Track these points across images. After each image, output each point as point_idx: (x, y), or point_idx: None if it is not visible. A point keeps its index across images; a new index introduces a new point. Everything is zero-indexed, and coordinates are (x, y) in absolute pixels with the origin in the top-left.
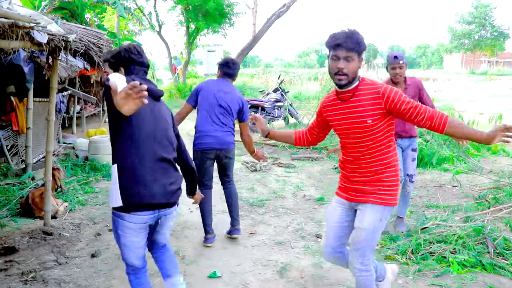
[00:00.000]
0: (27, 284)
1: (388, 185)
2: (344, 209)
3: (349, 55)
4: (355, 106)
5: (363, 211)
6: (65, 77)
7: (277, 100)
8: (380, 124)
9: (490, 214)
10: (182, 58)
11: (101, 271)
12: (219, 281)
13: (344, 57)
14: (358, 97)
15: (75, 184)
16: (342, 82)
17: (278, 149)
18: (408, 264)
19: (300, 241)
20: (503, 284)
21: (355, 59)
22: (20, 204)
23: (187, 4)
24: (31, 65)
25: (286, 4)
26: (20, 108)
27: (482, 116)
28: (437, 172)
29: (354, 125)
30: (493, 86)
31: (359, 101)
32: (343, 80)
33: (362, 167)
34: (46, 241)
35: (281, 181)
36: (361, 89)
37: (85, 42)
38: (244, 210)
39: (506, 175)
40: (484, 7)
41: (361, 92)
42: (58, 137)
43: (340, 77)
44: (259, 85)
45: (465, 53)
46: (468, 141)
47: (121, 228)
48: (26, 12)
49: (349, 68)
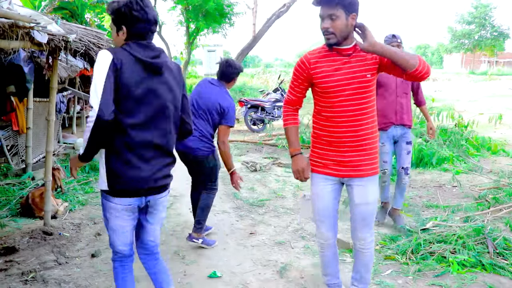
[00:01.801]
0: (27, 284)
1: (376, 151)
2: (334, 186)
3: (332, 12)
4: (355, 61)
5: (364, 186)
6: (65, 77)
7: (277, 100)
8: (374, 80)
9: (490, 214)
10: (182, 58)
11: (101, 271)
12: (219, 281)
13: (328, 15)
14: (359, 56)
15: (75, 184)
16: (330, 41)
17: (278, 149)
18: (408, 264)
19: (300, 241)
20: (503, 284)
21: (340, 17)
22: (20, 204)
23: (187, 4)
24: (31, 65)
25: (286, 4)
26: (20, 108)
27: (482, 116)
28: (437, 172)
29: (354, 79)
30: (493, 86)
31: (358, 56)
32: (332, 38)
33: (354, 129)
34: (46, 241)
35: (281, 181)
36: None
37: (85, 42)
38: (244, 210)
39: (506, 175)
40: (484, 7)
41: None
42: (58, 137)
43: (328, 35)
44: (259, 85)
45: (465, 53)
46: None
47: (108, 210)
48: (26, 12)
49: (334, 26)
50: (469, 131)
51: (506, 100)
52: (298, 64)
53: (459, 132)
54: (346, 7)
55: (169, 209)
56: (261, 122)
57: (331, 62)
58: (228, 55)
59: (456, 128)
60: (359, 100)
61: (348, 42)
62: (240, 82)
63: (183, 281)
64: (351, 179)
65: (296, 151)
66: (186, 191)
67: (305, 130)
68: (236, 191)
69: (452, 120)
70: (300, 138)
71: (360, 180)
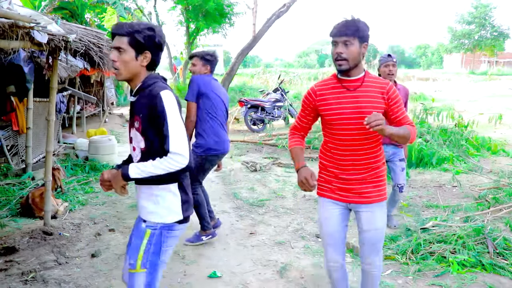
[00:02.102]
0: (27, 284)
1: (384, 179)
2: (341, 211)
3: (347, 39)
4: (364, 96)
5: (372, 212)
6: (65, 77)
7: (277, 100)
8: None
9: (490, 214)
10: (182, 58)
11: (101, 271)
12: (219, 281)
13: (343, 42)
14: (365, 87)
15: (75, 184)
16: (342, 67)
17: (278, 149)
18: (408, 264)
19: (300, 241)
20: (503, 284)
21: (354, 44)
22: (20, 204)
23: (187, 4)
24: (31, 65)
25: (286, 4)
26: (20, 108)
27: (482, 116)
28: (437, 172)
29: (360, 114)
30: (493, 86)
31: (368, 92)
32: (343, 65)
33: (358, 162)
34: (46, 241)
35: (281, 181)
36: (368, 80)
37: (85, 42)
38: (244, 210)
39: (506, 175)
40: (484, 7)
41: (368, 83)
42: (58, 137)
43: (340, 62)
44: (259, 85)
45: (465, 53)
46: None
47: (168, 243)
48: (26, 12)
49: (348, 52)
50: (469, 131)
51: (506, 100)
52: (305, 95)
53: (459, 132)
54: (361, 37)
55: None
56: (261, 122)
57: (338, 94)
58: (228, 55)
59: (456, 128)
60: (364, 135)
61: (357, 72)
62: (240, 82)
63: (183, 281)
64: (358, 205)
65: (301, 165)
66: None
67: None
68: (236, 191)
69: (452, 120)
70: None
71: (367, 207)
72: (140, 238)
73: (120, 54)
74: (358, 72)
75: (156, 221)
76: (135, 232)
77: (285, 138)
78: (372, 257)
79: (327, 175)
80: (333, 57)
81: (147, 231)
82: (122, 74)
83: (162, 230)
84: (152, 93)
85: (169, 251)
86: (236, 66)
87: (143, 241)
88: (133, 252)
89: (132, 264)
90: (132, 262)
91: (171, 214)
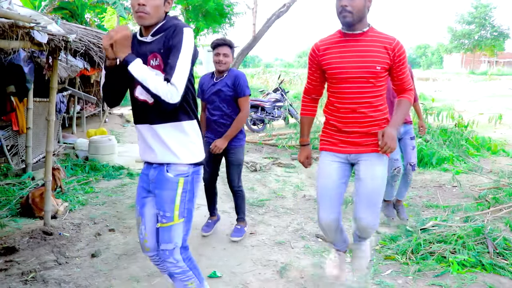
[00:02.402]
0: (27, 284)
1: None
2: (341, 163)
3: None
4: (366, 50)
5: (371, 161)
6: (65, 77)
7: (277, 100)
8: (385, 74)
9: (490, 214)
10: None
11: (101, 271)
12: (219, 281)
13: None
14: (369, 42)
15: (75, 184)
16: (347, 19)
17: (278, 149)
18: (408, 264)
19: (300, 241)
20: (503, 284)
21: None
22: (20, 204)
23: (187, 4)
24: (31, 65)
25: (286, 4)
26: (20, 108)
27: (482, 116)
28: (437, 172)
29: (362, 69)
30: (493, 86)
31: (371, 46)
32: (348, 17)
33: (361, 115)
34: (46, 241)
35: (281, 181)
36: (373, 35)
37: (85, 42)
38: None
39: (506, 175)
40: (484, 7)
41: (372, 37)
42: (58, 137)
43: (345, 13)
44: (259, 85)
45: (465, 53)
46: None
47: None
48: (26, 12)
49: (353, 5)
50: (469, 131)
51: (506, 100)
52: (310, 52)
53: (459, 132)
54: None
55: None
56: (261, 122)
57: (340, 48)
58: None
59: (456, 128)
60: (366, 89)
61: (361, 26)
62: None
63: None
64: (358, 155)
65: (304, 141)
66: None
67: None
68: None
69: (452, 120)
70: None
71: (366, 156)
72: (173, 189)
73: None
74: (363, 26)
75: (187, 162)
76: (160, 184)
77: (285, 138)
78: (365, 212)
79: (330, 129)
80: (337, 10)
81: (180, 179)
82: (152, 18)
83: (193, 175)
84: (178, 27)
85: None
86: (236, 66)
87: (178, 191)
88: (168, 205)
89: (168, 217)
90: (168, 215)
91: (198, 153)
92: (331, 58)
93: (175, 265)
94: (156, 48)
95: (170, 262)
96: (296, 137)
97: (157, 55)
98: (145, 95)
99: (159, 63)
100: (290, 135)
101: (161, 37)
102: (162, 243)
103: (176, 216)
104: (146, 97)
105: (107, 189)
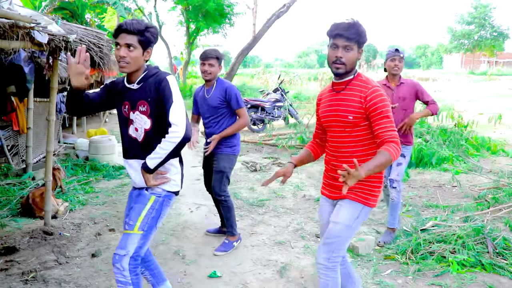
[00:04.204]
0: (27, 284)
1: (367, 185)
2: (328, 207)
3: (348, 44)
4: (343, 100)
5: (341, 206)
6: (65, 77)
7: (277, 100)
8: (363, 123)
9: (489, 214)
10: (182, 58)
11: (101, 271)
12: (219, 281)
13: (343, 46)
14: (349, 91)
15: (76, 184)
16: (339, 70)
17: (278, 149)
18: (408, 264)
19: (300, 241)
20: (503, 284)
21: (354, 50)
22: (21, 204)
23: (187, 4)
24: (32, 65)
25: (286, 4)
26: (21, 108)
27: (481, 116)
28: (436, 172)
29: (338, 118)
30: (493, 86)
31: (348, 95)
32: (340, 68)
33: (341, 162)
34: (46, 241)
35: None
36: (354, 83)
37: (86, 42)
38: (244, 210)
39: (506, 175)
40: (483, 8)
41: (353, 86)
42: (59, 137)
43: (338, 65)
44: (259, 85)
45: (465, 53)
46: None
47: (165, 210)
48: (27, 13)
49: (347, 57)
50: (468, 131)
51: (506, 100)
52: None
53: (458, 132)
54: (360, 43)
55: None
56: (261, 122)
57: (328, 98)
58: (228, 55)
59: (456, 128)
60: (343, 138)
61: (347, 75)
62: (240, 82)
63: (183, 281)
64: (337, 200)
65: (292, 160)
66: (187, 191)
67: (305, 129)
68: (236, 191)
69: (452, 120)
70: (300, 138)
71: (342, 201)
72: (144, 203)
73: (130, 51)
74: (348, 74)
75: (163, 187)
76: (137, 199)
77: (285, 138)
78: (321, 252)
79: (324, 173)
80: (330, 59)
81: (152, 197)
82: (133, 67)
83: (165, 198)
84: (160, 77)
85: (163, 219)
86: (236, 66)
87: (146, 206)
88: (134, 215)
89: (130, 225)
90: (131, 223)
91: (173, 185)
92: (322, 108)
93: (120, 272)
94: (143, 96)
95: (117, 268)
96: (296, 137)
97: (145, 103)
98: (136, 133)
99: (146, 109)
100: (290, 135)
101: (147, 85)
102: (118, 247)
103: (137, 226)
104: (137, 136)
105: (107, 189)
